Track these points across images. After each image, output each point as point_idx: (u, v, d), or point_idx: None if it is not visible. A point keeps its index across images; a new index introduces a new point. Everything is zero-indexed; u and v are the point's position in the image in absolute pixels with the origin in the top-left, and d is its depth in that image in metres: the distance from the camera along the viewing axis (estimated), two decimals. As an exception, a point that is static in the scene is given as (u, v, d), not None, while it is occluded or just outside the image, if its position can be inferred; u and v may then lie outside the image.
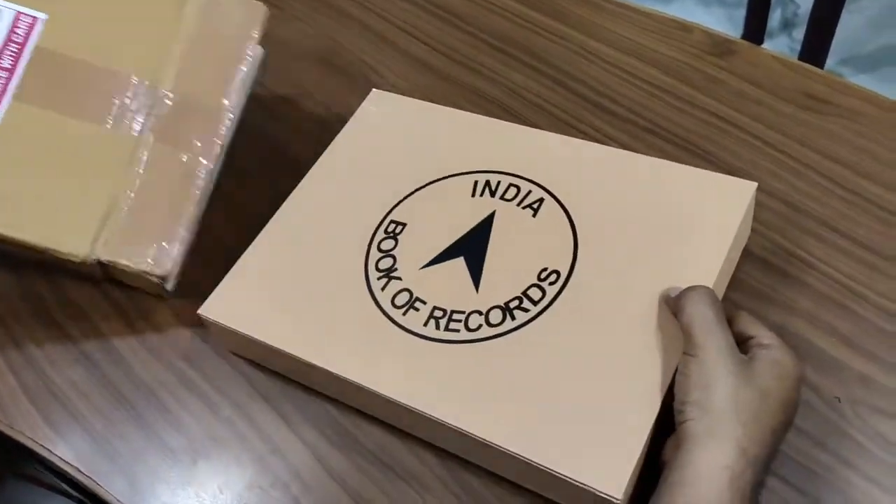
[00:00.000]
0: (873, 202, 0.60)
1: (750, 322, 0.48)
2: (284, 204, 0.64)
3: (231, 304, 0.59)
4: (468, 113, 0.69)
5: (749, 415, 0.43)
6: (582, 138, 0.65)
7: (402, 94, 0.71)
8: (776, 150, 0.64)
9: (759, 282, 0.58)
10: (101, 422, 0.58)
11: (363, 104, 0.70)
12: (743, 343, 0.47)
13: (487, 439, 0.49)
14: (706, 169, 0.59)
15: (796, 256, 0.59)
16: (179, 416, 0.58)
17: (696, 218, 0.56)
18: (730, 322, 0.48)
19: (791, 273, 0.58)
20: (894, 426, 0.51)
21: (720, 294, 0.54)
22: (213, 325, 0.60)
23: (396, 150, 0.66)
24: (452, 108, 0.68)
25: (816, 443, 0.51)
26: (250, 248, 0.62)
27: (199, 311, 0.59)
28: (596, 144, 0.64)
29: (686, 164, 0.59)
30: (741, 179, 0.56)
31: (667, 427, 0.47)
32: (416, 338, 0.55)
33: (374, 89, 0.70)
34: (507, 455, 0.49)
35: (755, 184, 0.56)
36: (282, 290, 0.60)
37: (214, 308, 0.59)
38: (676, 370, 0.47)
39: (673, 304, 0.49)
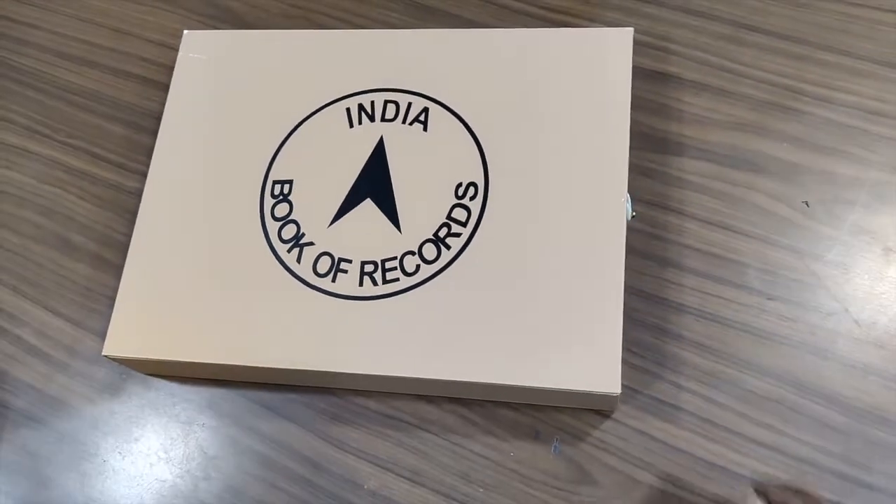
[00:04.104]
0: (778, -14, 0.60)
1: None
2: (143, 201, 0.57)
3: (136, 332, 0.53)
4: (303, 31, 0.62)
5: None
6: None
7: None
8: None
9: (696, 106, 0.58)
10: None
11: (180, 53, 0.61)
12: None
13: (482, 381, 0.48)
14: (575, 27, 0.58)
15: (725, 69, 0.56)
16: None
17: (587, 81, 0.53)
18: None
19: (726, 88, 0.56)
20: (864, 214, 0.51)
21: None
22: (125, 360, 0.54)
23: (243, 97, 0.58)
24: (284, 31, 0.62)
25: (799, 254, 0.52)
26: (128, 261, 0.55)
27: (104, 353, 0.53)
28: (451, 30, 0.59)
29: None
30: (616, 28, 0.55)
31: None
32: (356, 302, 0.50)
33: (185, 31, 0.62)
34: (503, 386, 0.48)
35: (631, 29, 0.54)
36: (185, 298, 0.53)
37: (118, 343, 0.53)
38: None
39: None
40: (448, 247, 0.50)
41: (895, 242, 0.52)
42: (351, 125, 0.55)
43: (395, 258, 0.51)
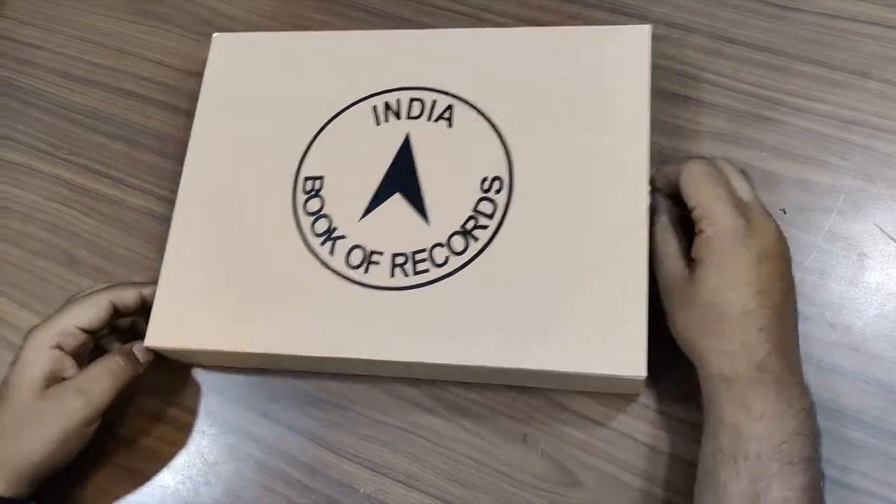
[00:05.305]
0: (761, 0, 0.61)
1: (686, 193, 0.48)
2: (179, 196, 0.58)
3: (176, 323, 0.54)
4: (328, 32, 0.63)
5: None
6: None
7: (245, 24, 0.64)
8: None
9: (676, 116, 0.59)
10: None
11: (210, 55, 0.62)
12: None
13: (511, 367, 0.49)
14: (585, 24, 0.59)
15: (704, 80, 0.58)
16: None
17: (607, 77, 0.54)
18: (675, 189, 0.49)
19: (706, 99, 0.57)
20: (840, 221, 0.52)
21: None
22: (168, 351, 0.56)
23: (272, 97, 0.59)
24: (310, 32, 0.63)
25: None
26: (167, 255, 0.56)
27: (146, 343, 0.54)
28: (473, 29, 0.61)
29: (560, 24, 0.60)
30: (634, 25, 0.56)
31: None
32: (389, 292, 0.52)
33: (215, 34, 0.63)
34: (531, 372, 0.50)
35: (649, 26, 0.55)
36: (222, 290, 0.55)
37: (159, 334, 0.54)
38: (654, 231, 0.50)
39: (672, 181, 0.49)
40: (476, 238, 0.52)
41: (870, 248, 0.54)
42: (377, 122, 0.56)
43: (424, 250, 0.52)
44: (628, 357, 0.48)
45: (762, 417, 0.43)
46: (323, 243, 0.54)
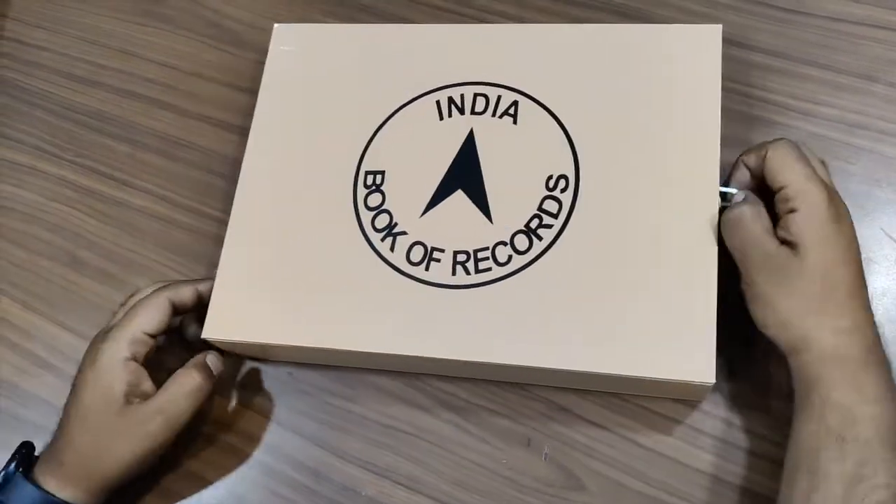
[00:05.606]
0: (764, 3, 0.61)
1: (772, 172, 0.47)
2: (239, 186, 0.58)
3: (234, 317, 0.54)
4: (392, 25, 0.63)
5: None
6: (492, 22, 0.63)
7: (250, 26, 0.63)
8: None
9: None
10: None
11: (272, 45, 0.62)
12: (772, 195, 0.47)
13: (574, 369, 0.48)
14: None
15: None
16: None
17: (677, 76, 0.53)
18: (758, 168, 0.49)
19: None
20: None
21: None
22: (224, 344, 0.55)
23: (333, 90, 0.59)
24: (373, 24, 0.63)
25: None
26: (225, 248, 0.56)
27: (203, 336, 0.54)
28: (539, 25, 0.60)
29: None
30: (705, 25, 0.54)
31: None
32: (450, 290, 0.51)
33: (276, 25, 0.63)
34: (595, 375, 0.49)
35: (720, 25, 0.54)
36: (281, 284, 0.54)
37: (217, 327, 0.54)
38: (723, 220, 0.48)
39: (755, 163, 0.48)
40: (540, 238, 0.51)
41: (875, 253, 0.54)
42: (441, 118, 0.56)
43: (487, 248, 0.52)
44: (696, 363, 0.47)
45: (875, 401, 0.43)
46: (383, 239, 0.53)
